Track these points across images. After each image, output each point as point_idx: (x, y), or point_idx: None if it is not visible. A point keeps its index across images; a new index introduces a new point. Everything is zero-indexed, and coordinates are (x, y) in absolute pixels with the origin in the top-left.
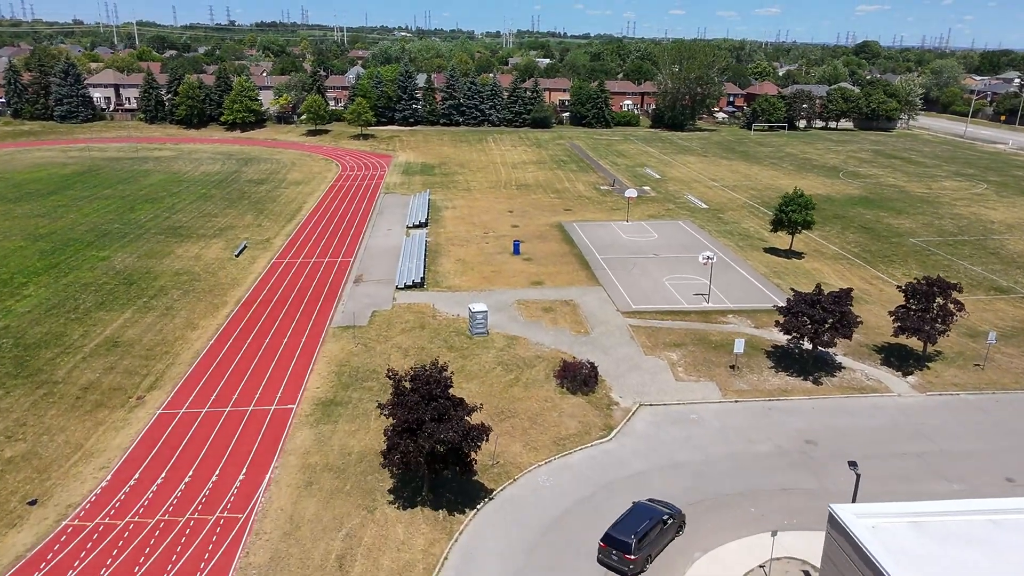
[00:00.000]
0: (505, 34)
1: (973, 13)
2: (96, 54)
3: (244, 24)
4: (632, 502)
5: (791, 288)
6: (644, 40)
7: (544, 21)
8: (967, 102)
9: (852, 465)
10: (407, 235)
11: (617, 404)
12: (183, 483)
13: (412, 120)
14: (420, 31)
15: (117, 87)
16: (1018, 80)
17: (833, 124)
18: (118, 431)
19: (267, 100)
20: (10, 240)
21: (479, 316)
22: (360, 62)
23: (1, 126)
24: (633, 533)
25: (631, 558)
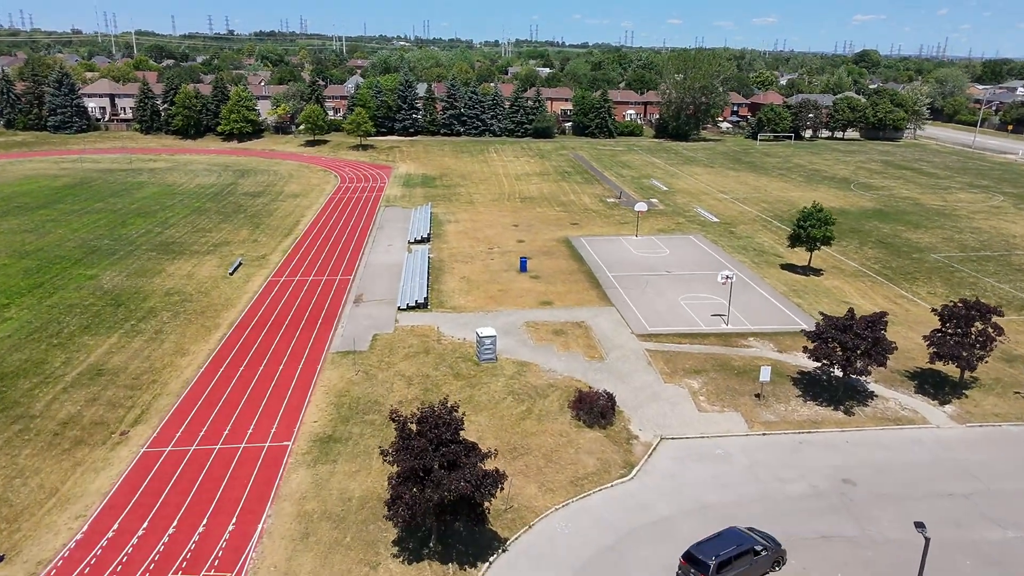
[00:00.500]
0: (504, 43)
1: (969, 22)
2: (93, 63)
3: (243, 33)
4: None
5: (820, 313)
6: (644, 49)
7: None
8: (972, 111)
9: (919, 527)
10: (409, 251)
11: (637, 438)
12: (166, 535)
13: (412, 130)
14: (419, 40)
15: (112, 97)
16: (1022, 89)
17: (839, 134)
18: (98, 473)
19: (265, 110)
20: None
21: (488, 341)
22: (359, 71)
23: None
24: (715, 555)
25: None
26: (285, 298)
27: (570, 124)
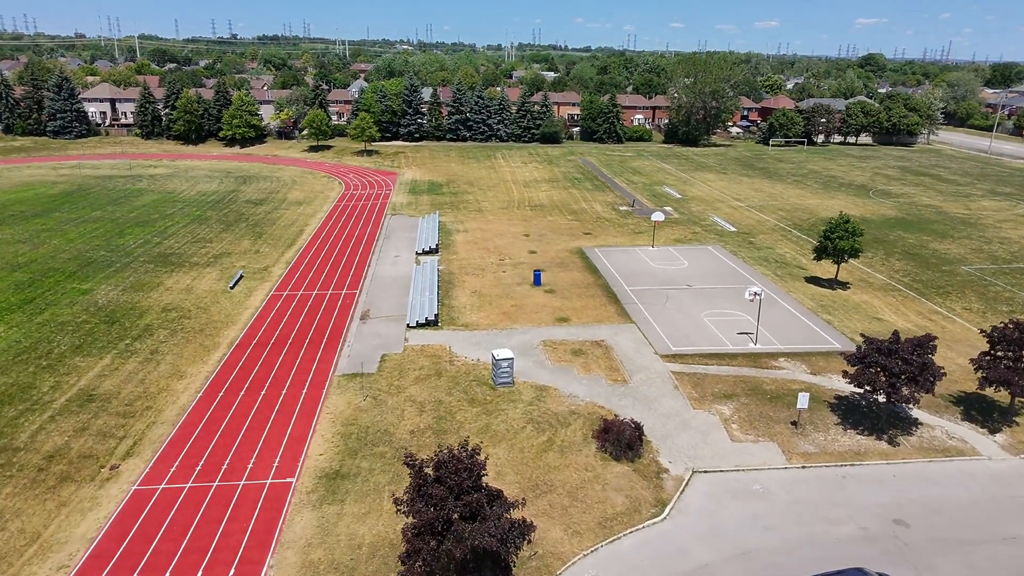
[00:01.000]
0: (507, 47)
1: (971, 26)
2: (94, 67)
3: (246, 37)
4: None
5: (861, 335)
6: (646, 53)
7: (545, 34)
8: (985, 116)
9: None
10: (417, 263)
11: (667, 471)
12: None
13: (417, 135)
14: (422, 44)
15: (113, 101)
16: None
17: (852, 139)
18: (84, 515)
19: (268, 115)
20: None
21: (504, 364)
22: (363, 75)
23: None
24: None
25: None
26: (288, 314)
27: (578, 129)
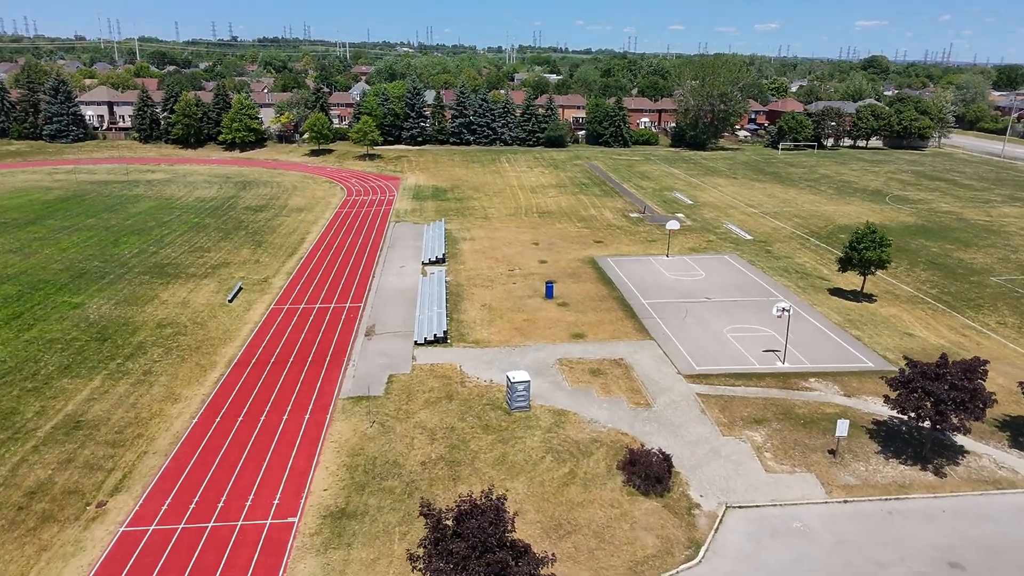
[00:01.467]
0: (508, 49)
1: (971, 28)
2: (93, 70)
3: (246, 40)
4: None
5: (905, 358)
6: (648, 55)
7: (545, 36)
8: (995, 119)
9: None
10: (423, 274)
11: (699, 506)
12: None
13: (420, 139)
14: (422, 46)
15: (111, 104)
16: None
17: (862, 143)
18: (67, 561)
19: (268, 118)
20: None
21: (520, 387)
22: (364, 78)
23: None
24: None
25: None
26: (289, 330)
27: (583, 132)
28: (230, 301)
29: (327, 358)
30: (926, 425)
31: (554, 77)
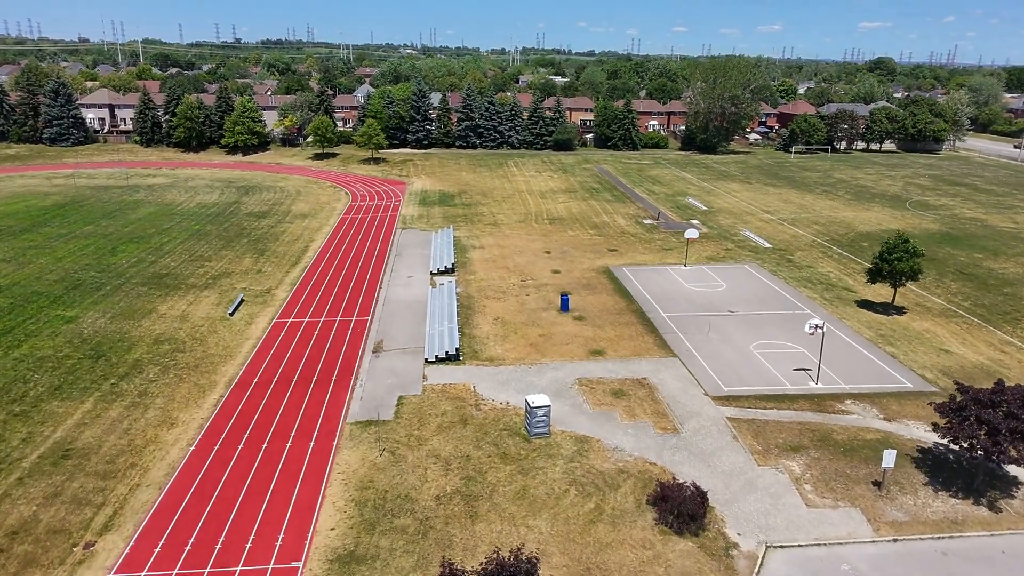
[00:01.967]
0: (511, 51)
1: (975, 29)
2: (95, 72)
3: (250, 42)
4: None
5: (956, 382)
6: (652, 57)
7: (548, 38)
8: (1009, 121)
9: None
10: (432, 285)
11: (737, 546)
12: None
13: (426, 142)
14: (425, 48)
15: (112, 107)
16: None
17: (875, 146)
18: None
19: (271, 121)
20: None
21: (540, 413)
22: (368, 80)
23: None
24: None
25: None
26: (293, 346)
27: (591, 136)
28: (231, 314)
29: (333, 378)
30: (978, 454)
31: (560, 79)
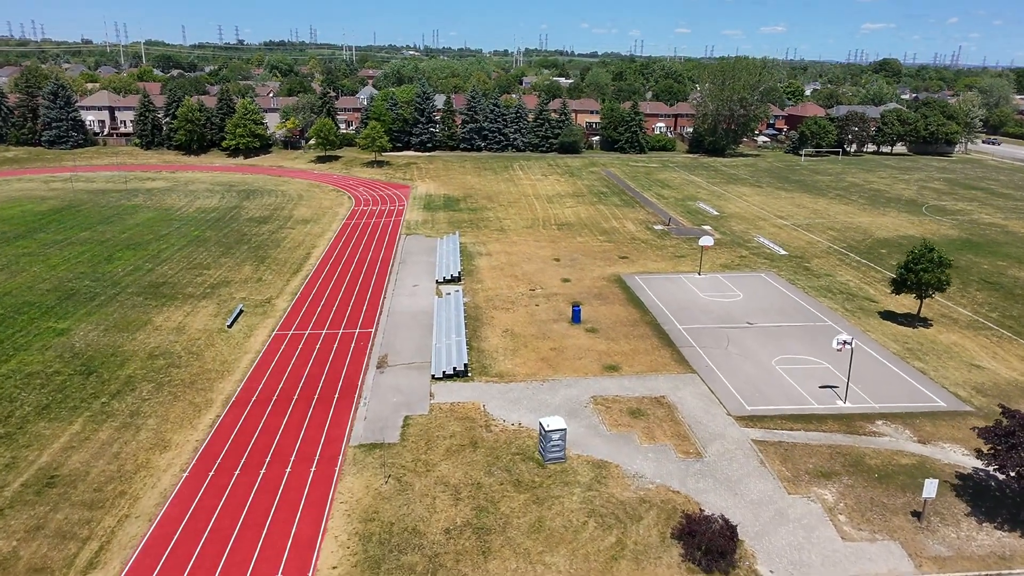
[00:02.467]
0: (514, 53)
1: (978, 31)
2: (96, 74)
3: (252, 43)
4: None
5: (1000, 406)
6: (655, 58)
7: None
8: (1019, 123)
9: None
10: (438, 294)
11: None
12: None
13: (430, 145)
14: (428, 50)
15: (112, 110)
16: None
17: (886, 149)
18: None
19: (273, 123)
20: None
21: (556, 437)
22: (371, 82)
23: None
24: None
25: None
26: (294, 360)
27: (597, 138)
28: (229, 326)
29: (335, 395)
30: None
31: (564, 81)
